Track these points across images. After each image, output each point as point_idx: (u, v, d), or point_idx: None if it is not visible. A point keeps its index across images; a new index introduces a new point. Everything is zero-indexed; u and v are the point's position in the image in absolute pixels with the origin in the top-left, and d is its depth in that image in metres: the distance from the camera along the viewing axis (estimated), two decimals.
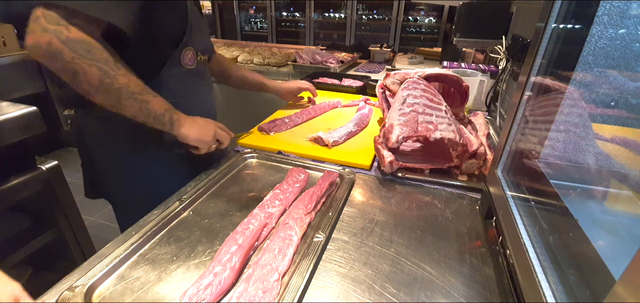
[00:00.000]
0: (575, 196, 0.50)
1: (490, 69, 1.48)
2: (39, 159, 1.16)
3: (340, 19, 4.50)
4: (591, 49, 0.50)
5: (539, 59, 0.56)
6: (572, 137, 0.56)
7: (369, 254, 0.61)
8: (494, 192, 0.65)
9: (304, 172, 0.84)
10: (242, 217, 0.67)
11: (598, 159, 0.52)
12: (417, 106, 0.84)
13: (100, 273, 0.53)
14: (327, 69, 2.03)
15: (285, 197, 0.73)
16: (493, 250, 0.63)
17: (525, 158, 0.61)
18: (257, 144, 1.01)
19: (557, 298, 0.39)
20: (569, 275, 0.40)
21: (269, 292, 0.50)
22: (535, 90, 0.58)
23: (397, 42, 4.21)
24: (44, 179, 1.15)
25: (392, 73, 1.08)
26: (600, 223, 0.46)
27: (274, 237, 0.61)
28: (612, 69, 0.50)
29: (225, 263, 0.54)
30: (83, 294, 0.50)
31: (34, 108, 1.08)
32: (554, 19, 0.53)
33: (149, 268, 0.56)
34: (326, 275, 0.56)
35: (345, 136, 1.04)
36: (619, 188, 0.47)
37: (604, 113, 0.51)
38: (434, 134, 0.80)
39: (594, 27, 0.49)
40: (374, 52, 2.49)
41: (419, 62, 2.27)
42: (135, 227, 0.65)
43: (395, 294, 0.53)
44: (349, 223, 0.69)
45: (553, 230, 0.46)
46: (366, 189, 0.82)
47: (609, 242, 0.42)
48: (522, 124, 0.61)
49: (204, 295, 0.49)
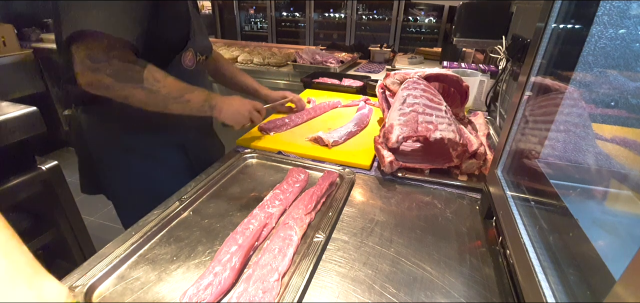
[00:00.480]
0: (575, 196, 0.50)
1: (490, 69, 1.48)
2: (39, 159, 1.17)
3: (340, 19, 4.50)
4: (591, 49, 0.50)
5: (539, 59, 0.56)
6: (572, 137, 0.56)
7: (369, 254, 0.61)
8: (494, 192, 0.65)
9: (304, 172, 0.84)
10: (242, 217, 0.67)
11: (598, 159, 0.52)
12: (417, 106, 0.84)
13: (100, 273, 0.53)
14: (327, 69, 2.03)
15: (285, 197, 0.73)
16: (493, 250, 0.63)
17: (525, 158, 0.61)
18: (257, 144, 1.01)
19: (557, 298, 0.39)
20: (569, 275, 0.40)
21: (269, 292, 0.50)
22: (535, 90, 0.58)
23: (397, 42, 4.21)
24: (44, 179, 1.15)
25: (392, 73, 1.08)
26: (600, 223, 0.46)
27: (274, 237, 0.61)
28: (612, 69, 0.50)
29: (225, 263, 0.54)
30: (83, 294, 0.50)
31: (34, 108, 1.08)
32: (554, 19, 0.53)
33: (149, 268, 0.56)
34: (326, 275, 0.56)
35: (345, 136, 1.04)
36: (619, 188, 0.47)
37: (604, 113, 0.51)
38: (434, 134, 0.80)
39: (594, 27, 0.49)
40: (374, 52, 2.49)
41: (419, 62, 2.27)
42: (135, 227, 0.65)
43: (395, 294, 0.53)
44: (349, 223, 0.69)
45: (553, 230, 0.46)
46: (366, 189, 0.82)
47: (609, 242, 0.42)
48: (522, 124, 0.61)
49: (204, 295, 0.49)
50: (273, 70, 2.20)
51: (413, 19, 4.27)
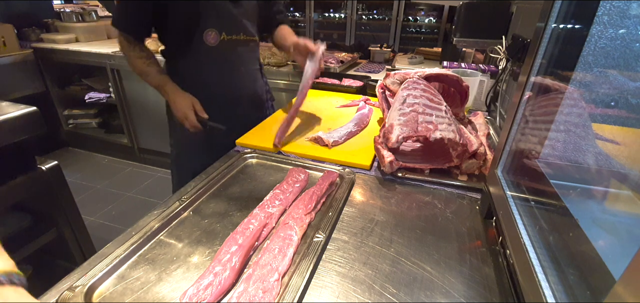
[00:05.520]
0: (575, 196, 0.50)
1: (490, 69, 1.48)
2: (39, 159, 1.16)
3: (340, 19, 4.49)
4: (591, 49, 0.50)
5: (539, 59, 0.56)
6: (572, 137, 0.56)
7: (369, 254, 0.61)
8: (494, 192, 0.65)
9: (304, 172, 0.84)
10: (242, 217, 0.67)
11: (598, 159, 0.52)
12: (417, 106, 0.84)
13: (100, 273, 0.53)
14: (327, 69, 2.03)
15: (285, 197, 0.73)
16: (493, 250, 0.63)
17: (525, 158, 0.61)
18: (257, 144, 1.01)
19: (557, 298, 0.39)
20: (569, 275, 0.40)
21: (269, 292, 0.50)
22: (535, 90, 0.58)
23: (397, 42, 4.20)
24: (44, 179, 1.15)
25: (392, 73, 1.08)
26: (600, 223, 0.46)
27: (274, 237, 0.61)
28: (612, 69, 0.50)
29: (226, 263, 0.54)
30: (83, 294, 0.50)
31: (34, 108, 1.08)
32: (554, 19, 0.53)
33: (149, 268, 0.56)
34: (326, 275, 0.56)
35: (345, 136, 1.04)
36: (619, 188, 0.47)
37: (604, 113, 0.51)
38: (434, 134, 0.80)
39: (594, 27, 0.49)
40: (374, 52, 2.49)
41: (419, 62, 2.27)
42: (135, 227, 0.65)
43: (395, 294, 0.53)
44: (349, 223, 0.69)
45: (553, 230, 0.46)
46: (366, 189, 0.82)
47: (609, 242, 0.42)
48: (522, 124, 0.61)
49: (204, 295, 0.49)
50: (273, 70, 2.19)
51: (413, 19, 4.26)
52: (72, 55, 2.56)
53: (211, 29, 1.11)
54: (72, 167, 2.81)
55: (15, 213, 1.23)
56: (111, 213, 2.24)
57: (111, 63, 2.44)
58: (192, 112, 1.10)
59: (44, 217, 1.24)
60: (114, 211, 2.26)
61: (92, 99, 2.74)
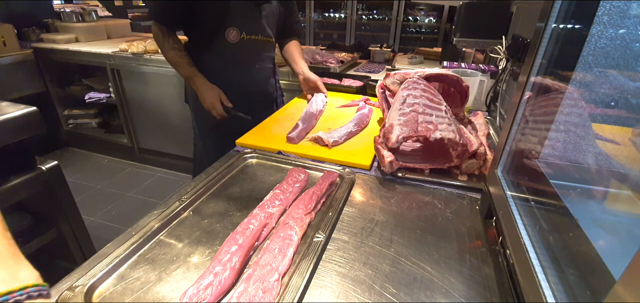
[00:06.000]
0: (575, 196, 0.50)
1: (490, 69, 1.48)
2: (39, 159, 1.16)
3: (340, 19, 4.49)
4: (591, 49, 0.50)
5: (539, 59, 0.56)
6: (572, 137, 0.56)
7: (369, 254, 0.61)
8: (494, 192, 0.65)
9: (304, 172, 0.84)
10: (242, 217, 0.67)
11: (598, 159, 0.52)
12: (417, 106, 0.84)
13: (100, 273, 0.53)
14: (327, 69, 2.02)
15: (285, 197, 0.73)
16: (493, 250, 0.63)
17: (525, 158, 0.61)
18: (257, 144, 1.01)
19: (557, 298, 0.39)
20: (569, 275, 0.40)
21: (269, 292, 0.50)
22: (535, 90, 0.58)
23: (397, 42, 4.20)
24: (44, 179, 1.15)
25: (392, 73, 1.08)
26: (600, 223, 0.46)
27: (274, 237, 0.61)
28: (612, 69, 0.50)
29: (226, 263, 0.54)
30: (83, 294, 0.50)
31: (34, 108, 1.08)
32: (554, 19, 0.53)
33: (149, 268, 0.56)
34: (326, 275, 0.56)
35: (345, 136, 1.04)
36: (619, 188, 0.47)
37: (604, 113, 0.51)
38: (434, 134, 0.80)
39: (594, 27, 0.49)
40: (374, 52, 2.49)
41: (419, 62, 2.27)
42: (135, 227, 0.65)
43: (395, 294, 0.53)
44: (349, 223, 0.69)
45: (553, 230, 0.46)
46: (366, 189, 0.82)
47: (609, 242, 0.42)
48: (522, 124, 0.61)
49: (204, 295, 0.49)
50: None
51: (413, 19, 4.27)
52: (72, 55, 2.56)
53: (233, 28, 1.26)
54: (72, 167, 2.81)
55: (15, 213, 1.23)
56: (111, 213, 2.24)
57: (111, 63, 2.44)
58: (219, 103, 1.24)
59: (44, 217, 1.24)
60: (114, 211, 2.26)
61: (92, 99, 2.74)
